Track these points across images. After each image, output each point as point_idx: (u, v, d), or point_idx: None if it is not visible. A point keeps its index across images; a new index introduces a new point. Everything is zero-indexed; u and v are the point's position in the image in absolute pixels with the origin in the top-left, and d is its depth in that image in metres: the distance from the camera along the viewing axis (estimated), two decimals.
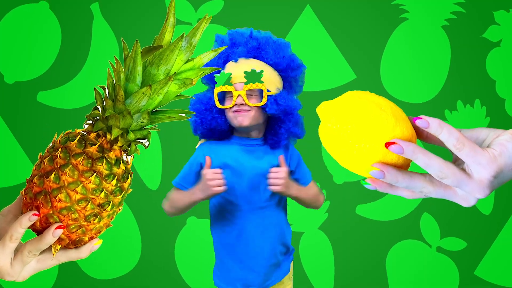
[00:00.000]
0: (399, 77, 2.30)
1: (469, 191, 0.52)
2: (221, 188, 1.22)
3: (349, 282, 2.34)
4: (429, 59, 2.31)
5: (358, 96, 0.55)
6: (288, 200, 2.30)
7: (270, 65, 1.27)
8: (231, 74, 1.21)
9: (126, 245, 2.32)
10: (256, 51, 1.27)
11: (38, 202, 0.59)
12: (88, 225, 0.61)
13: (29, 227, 0.60)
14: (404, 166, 0.55)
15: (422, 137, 0.58)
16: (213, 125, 1.26)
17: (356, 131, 0.52)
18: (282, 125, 1.27)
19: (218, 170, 1.24)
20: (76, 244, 0.63)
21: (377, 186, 0.55)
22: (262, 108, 1.24)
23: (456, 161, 0.57)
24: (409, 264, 2.34)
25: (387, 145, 0.51)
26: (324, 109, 0.55)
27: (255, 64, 1.24)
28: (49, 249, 0.62)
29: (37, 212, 0.59)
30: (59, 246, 0.61)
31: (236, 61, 1.25)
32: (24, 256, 0.59)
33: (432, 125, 0.51)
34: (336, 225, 2.32)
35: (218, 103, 1.24)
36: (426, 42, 2.29)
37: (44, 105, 2.28)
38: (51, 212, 0.59)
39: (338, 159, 0.55)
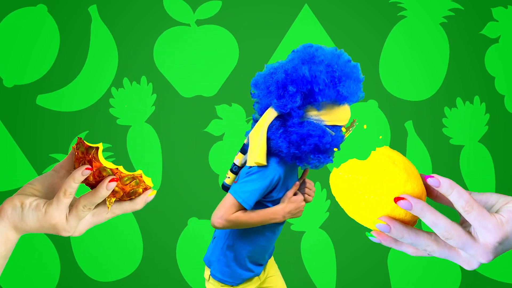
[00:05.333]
0: (398, 75, 2.30)
1: (473, 254, 0.53)
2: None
3: (351, 281, 2.34)
4: (427, 56, 2.31)
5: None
6: None
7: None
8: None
9: (127, 247, 2.32)
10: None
11: (90, 156, 0.60)
12: (141, 176, 0.62)
13: (82, 182, 0.60)
14: (411, 223, 0.55)
15: (432, 195, 0.58)
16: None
17: (366, 182, 0.53)
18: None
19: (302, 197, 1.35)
20: (130, 196, 0.63)
21: (382, 240, 0.55)
22: None
23: (463, 223, 0.57)
24: (411, 262, 2.34)
25: (396, 200, 0.52)
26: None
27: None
28: (104, 202, 0.63)
29: (89, 166, 0.59)
30: (113, 199, 0.62)
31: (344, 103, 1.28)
32: (79, 210, 0.60)
33: (443, 185, 0.52)
34: (337, 224, 2.32)
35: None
36: (425, 40, 2.29)
37: (44, 108, 2.28)
38: (103, 165, 0.59)
39: (346, 208, 0.55)
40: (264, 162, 1.21)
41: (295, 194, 1.33)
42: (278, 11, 2.28)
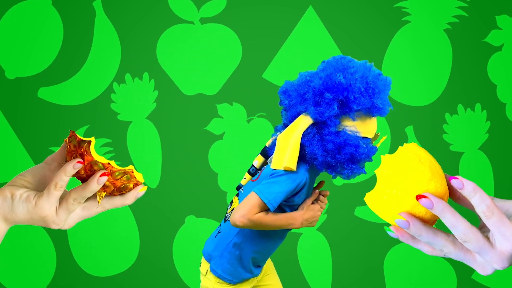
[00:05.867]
0: (401, 80, 2.30)
1: (488, 260, 0.53)
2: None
3: (347, 284, 2.34)
4: (430, 62, 2.31)
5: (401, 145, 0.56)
6: None
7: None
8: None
9: (124, 243, 2.32)
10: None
11: (82, 150, 0.60)
12: (132, 172, 0.62)
13: (73, 175, 0.60)
14: (430, 222, 0.55)
15: (454, 197, 0.58)
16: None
17: (391, 177, 0.53)
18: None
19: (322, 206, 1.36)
20: (121, 191, 0.63)
21: (400, 235, 0.56)
22: None
23: (482, 228, 0.57)
24: (407, 267, 2.34)
25: (418, 197, 0.52)
26: None
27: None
28: (94, 196, 0.63)
29: (81, 160, 0.59)
30: (104, 194, 0.62)
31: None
32: (69, 204, 0.60)
33: (467, 188, 0.52)
34: (334, 227, 2.32)
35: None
36: (428, 45, 2.29)
37: (45, 101, 2.28)
38: (95, 159, 0.59)
39: (367, 200, 0.56)
40: (294, 168, 1.22)
41: (312, 203, 1.34)
42: (282, 12, 2.28)
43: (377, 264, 2.35)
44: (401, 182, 0.53)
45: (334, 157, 1.22)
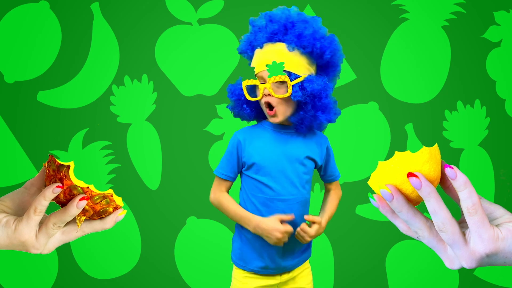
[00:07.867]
0: (399, 78, 2.30)
1: (458, 255, 0.53)
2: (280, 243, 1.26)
3: (349, 282, 2.34)
4: (429, 59, 2.31)
5: None
6: None
7: (298, 47, 1.23)
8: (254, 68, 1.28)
9: (125, 245, 2.32)
10: (280, 35, 1.24)
11: (61, 174, 0.60)
12: (111, 195, 0.63)
13: (53, 200, 0.61)
14: (413, 202, 0.56)
15: (444, 185, 0.59)
16: (241, 115, 1.32)
17: (396, 155, 0.55)
18: (308, 110, 1.24)
19: (289, 231, 1.24)
20: (100, 215, 0.63)
21: (381, 206, 0.56)
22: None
23: (461, 223, 0.58)
24: (409, 264, 2.34)
25: (409, 175, 0.53)
26: None
27: (279, 51, 1.22)
28: (74, 220, 0.63)
29: (60, 184, 0.59)
30: (83, 218, 0.62)
31: (261, 47, 1.25)
32: (49, 228, 0.60)
33: (459, 179, 0.52)
34: (335, 225, 2.32)
35: (247, 95, 1.28)
36: (426, 42, 2.29)
37: (44, 105, 2.28)
38: (74, 184, 0.60)
39: (373, 173, 0.57)
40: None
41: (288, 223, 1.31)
42: None
43: (379, 262, 2.35)
44: (398, 156, 0.54)
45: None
